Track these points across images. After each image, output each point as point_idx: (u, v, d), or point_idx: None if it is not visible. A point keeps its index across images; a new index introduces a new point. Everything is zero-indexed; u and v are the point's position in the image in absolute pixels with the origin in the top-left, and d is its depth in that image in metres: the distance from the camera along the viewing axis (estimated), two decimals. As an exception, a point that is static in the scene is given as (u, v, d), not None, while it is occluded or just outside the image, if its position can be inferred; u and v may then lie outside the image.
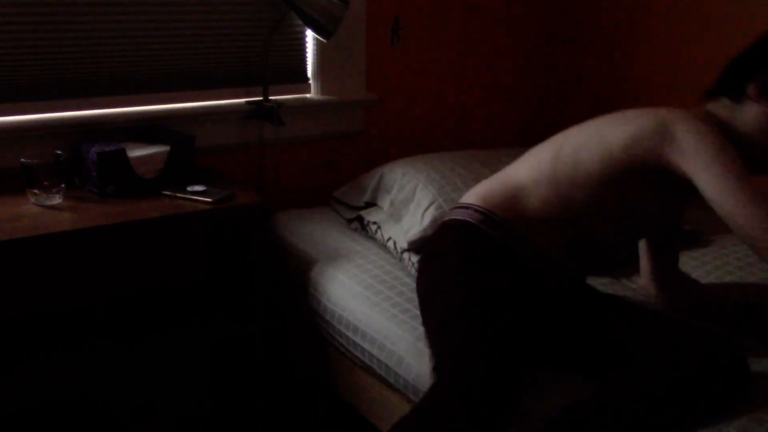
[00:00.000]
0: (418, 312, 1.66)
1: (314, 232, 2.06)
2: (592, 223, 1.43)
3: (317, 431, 2.19)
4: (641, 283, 1.64)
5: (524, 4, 2.71)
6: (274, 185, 2.27)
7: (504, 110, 2.78)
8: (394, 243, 1.88)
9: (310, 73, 2.30)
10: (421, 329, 1.59)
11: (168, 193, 1.81)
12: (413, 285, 1.79)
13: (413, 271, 1.80)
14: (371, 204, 2.07)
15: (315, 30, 2.06)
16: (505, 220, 1.42)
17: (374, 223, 1.99)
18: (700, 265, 1.82)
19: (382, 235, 1.95)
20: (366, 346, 1.66)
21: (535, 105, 2.86)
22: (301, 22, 2.13)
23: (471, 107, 2.68)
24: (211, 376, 2.21)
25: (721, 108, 1.41)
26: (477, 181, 1.95)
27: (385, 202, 2.01)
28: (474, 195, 1.52)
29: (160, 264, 2.10)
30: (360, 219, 2.07)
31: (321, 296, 1.84)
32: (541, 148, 1.54)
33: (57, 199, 1.73)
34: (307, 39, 2.26)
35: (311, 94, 2.31)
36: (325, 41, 2.12)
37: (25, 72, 1.84)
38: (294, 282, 1.96)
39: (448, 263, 1.43)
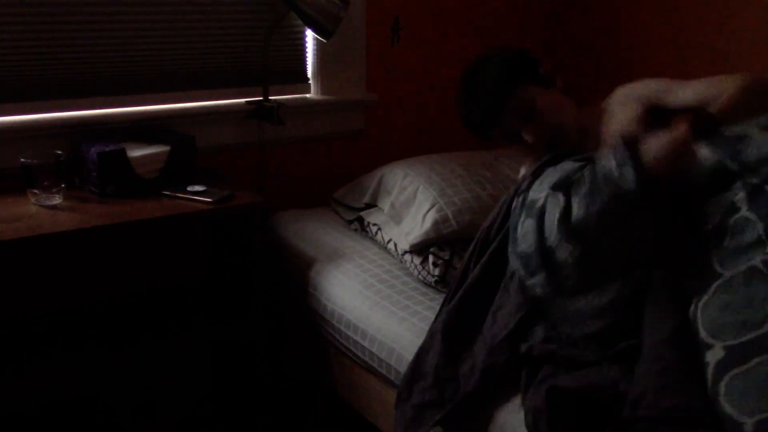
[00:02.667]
0: (417, 309, 1.66)
1: (314, 232, 2.06)
2: None
3: (317, 431, 2.19)
4: None
5: (524, 4, 2.71)
6: (274, 185, 2.27)
7: (504, 110, 2.78)
8: (395, 245, 1.88)
9: (310, 73, 2.30)
10: (421, 326, 1.59)
11: (168, 193, 1.81)
12: (413, 284, 1.79)
13: (415, 272, 1.80)
14: (371, 205, 2.07)
15: (315, 30, 2.06)
16: None
17: (374, 224, 1.99)
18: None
19: (382, 237, 1.95)
20: (366, 344, 1.66)
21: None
22: (301, 22, 2.13)
23: (471, 107, 2.67)
24: (211, 376, 2.21)
25: None
26: (479, 183, 1.96)
27: (385, 204, 2.00)
28: None
29: (160, 264, 2.10)
30: (360, 220, 2.07)
31: (321, 296, 1.84)
32: None
33: (57, 199, 1.73)
34: (307, 39, 2.26)
35: (311, 94, 2.31)
36: (325, 41, 2.12)
37: (25, 72, 1.84)
38: (294, 282, 1.97)
39: None
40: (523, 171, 1.63)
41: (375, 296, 1.72)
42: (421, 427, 1.37)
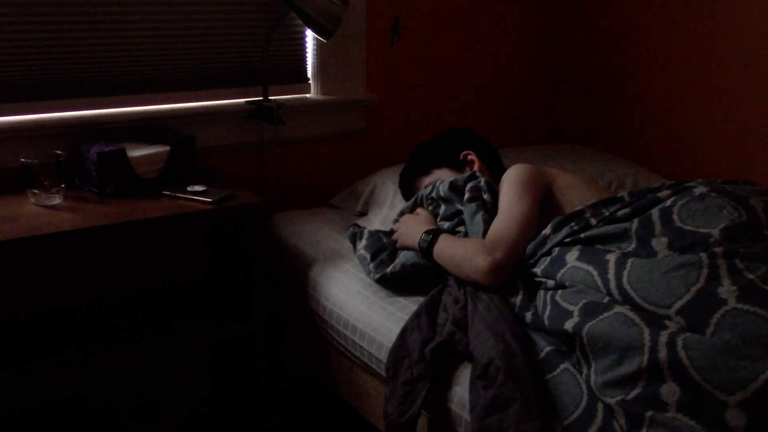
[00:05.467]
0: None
1: (314, 233, 2.06)
2: None
3: (317, 431, 2.19)
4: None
5: (524, 4, 2.71)
6: (274, 185, 2.27)
7: (504, 110, 2.78)
8: None
9: (310, 73, 2.30)
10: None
11: (168, 193, 1.81)
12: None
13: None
14: (364, 213, 2.10)
15: (315, 30, 2.06)
16: None
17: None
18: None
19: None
20: (364, 345, 1.66)
21: (535, 105, 2.86)
22: (301, 22, 2.13)
23: (471, 107, 2.68)
24: (211, 376, 2.21)
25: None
26: None
27: (377, 217, 2.04)
28: None
29: (160, 264, 2.10)
30: (357, 225, 2.08)
31: (320, 296, 1.84)
32: None
33: (57, 199, 1.73)
34: (307, 39, 2.26)
35: (311, 94, 2.31)
36: (325, 41, 2.12)
37: (25, 72, 1.84)
38: (293, 282, 1.97)
39: None
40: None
41: (373, 296, 1.72)
42: (414, 404, 1.44)
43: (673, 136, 2.49)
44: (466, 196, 1.74)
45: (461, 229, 1.73)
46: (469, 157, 1.94)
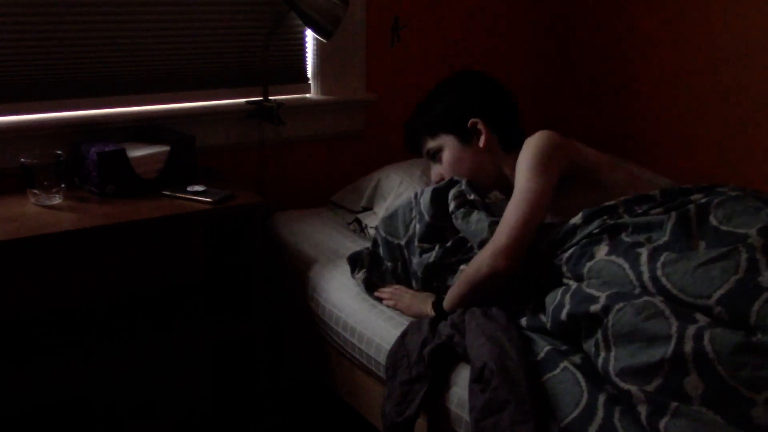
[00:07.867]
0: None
1: (314, 233, 2.06)
2: None
3: (317, 431, 2.19)
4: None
5: (524, 5, 2.71)
6: (274, 185, 2.27)
7: (504, 110, 2.78)
8: None
9: (310, 73, 2.30)
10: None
11: (168, 193, 1.81)
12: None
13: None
14: (368, 208, 2.09)
15: (315, 30, 2.06)
16: None
17: (372, 227, 2.00)
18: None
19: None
20: (363, 347, 1.66)
21: (535, 105, 2.86)
22: (301, 22, 2.13)
23: (471, 107, 2.68)
24: (211, 376, 2.21)
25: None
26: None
27: (381, 209, 2.03)
28: None
29: (160, 264, 2.10)
30: (358, 221, 2.07)
31: (319, 297, 1.84)
32: None
33: (57, 199, 1.73)
34: (307, 39, 2.26)
35: (311, 94, 2.31)
36: (325, 41, 2.12)
37: (24, 72, 1.84)
38: (293, 282, 1.97)
39: None
40: (433, 177, 1.86)
41: (373, 299, 1.72)
42: (412, 404, 1.44)
43: (672, 136, 2.49)
44: (452, 206, 1.69)
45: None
46: (478, 126, 1.79)
